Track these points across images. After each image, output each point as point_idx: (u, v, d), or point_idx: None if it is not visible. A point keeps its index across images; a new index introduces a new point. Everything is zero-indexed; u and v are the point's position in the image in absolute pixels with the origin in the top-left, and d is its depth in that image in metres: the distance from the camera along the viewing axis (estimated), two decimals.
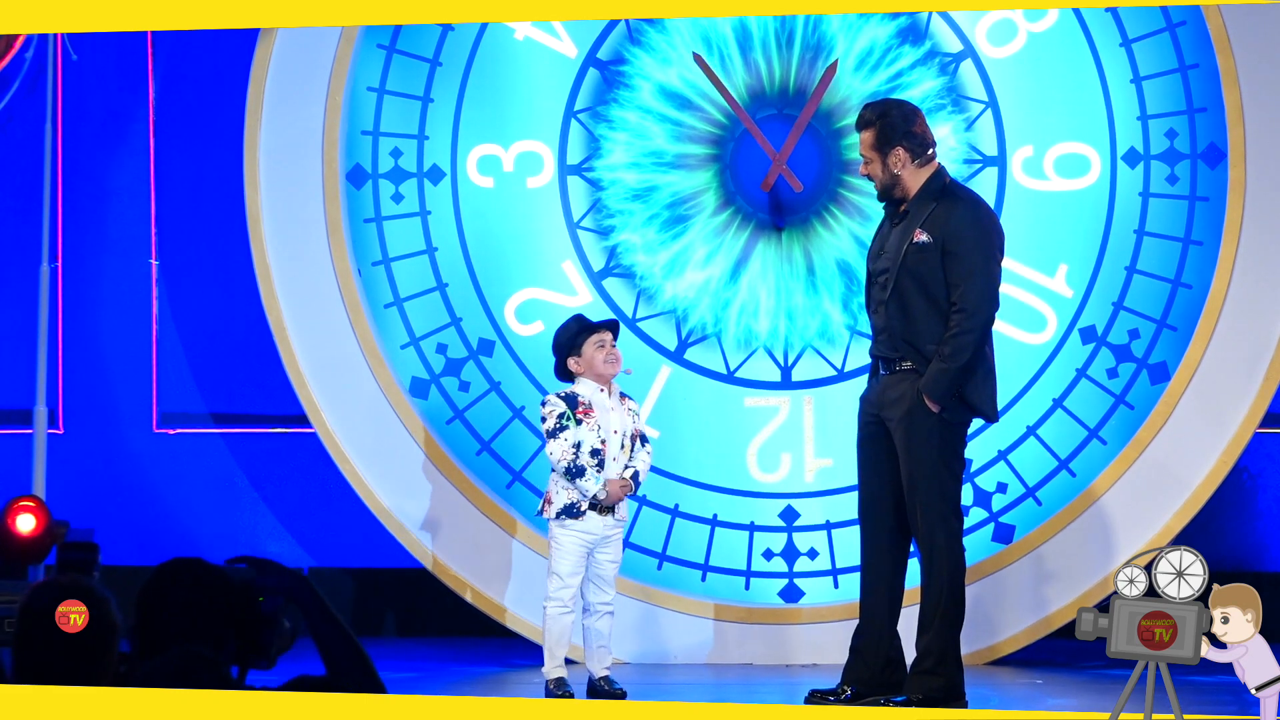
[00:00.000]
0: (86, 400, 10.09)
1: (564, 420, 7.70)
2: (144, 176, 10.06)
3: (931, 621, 7.11)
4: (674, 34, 9.17)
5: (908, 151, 7.20)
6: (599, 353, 7.75)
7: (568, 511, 7.69)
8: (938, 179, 7.23)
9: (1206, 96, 8.88)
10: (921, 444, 7.07)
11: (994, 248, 7.18)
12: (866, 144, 7.24)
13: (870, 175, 7.27)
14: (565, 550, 7.71)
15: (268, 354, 9.31)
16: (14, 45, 10.04)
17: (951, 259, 7.09)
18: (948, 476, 7.13)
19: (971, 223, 7.15)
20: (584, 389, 7.77)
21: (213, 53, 9.95)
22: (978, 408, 7.17)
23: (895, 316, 7.13)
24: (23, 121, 10.06)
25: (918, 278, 7.10)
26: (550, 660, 7.73)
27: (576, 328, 7.79)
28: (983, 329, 7.10)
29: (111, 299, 10.09)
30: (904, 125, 7.21)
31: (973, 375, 7.11)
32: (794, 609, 8.99)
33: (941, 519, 7.08)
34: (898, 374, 7.15)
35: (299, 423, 9.54)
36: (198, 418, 10.08)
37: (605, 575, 7.77)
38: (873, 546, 7.27)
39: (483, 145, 9.27)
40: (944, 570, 7.10)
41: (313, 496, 9.94)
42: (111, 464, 10.07)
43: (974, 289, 7.08)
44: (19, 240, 10.06)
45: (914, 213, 7.18)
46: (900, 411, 7.11)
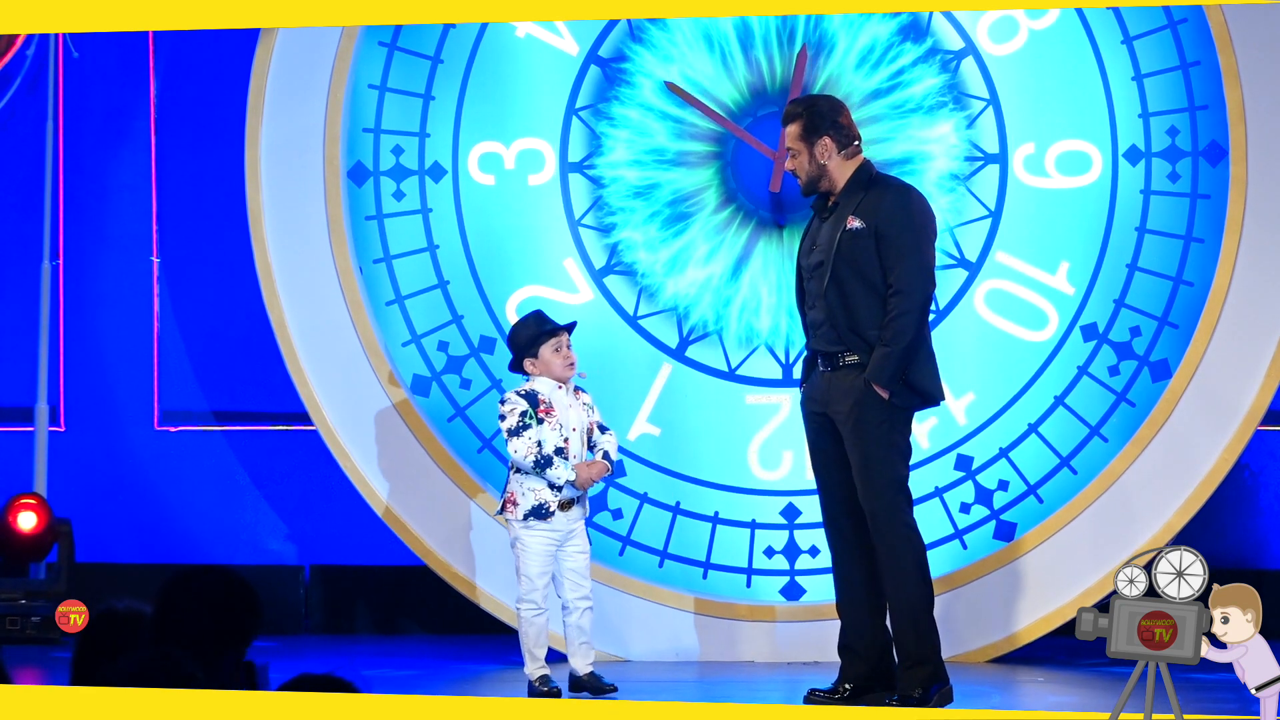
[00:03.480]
0: (88, 397, 10.09)
1: (526, 418, 7.71)
2: (145, 174, 10.07)
3: (901, 610, 7.12)
4: (676, 32, 9.17)
5: (834, 141, 7.21)
6: (556, 357, 7.78)
7: (535, 513, 7.69)
8: (865, 170, 7.25)
9: (1208, 94, 8.87)
10: (871, 433, 7.08)
11: (926, 229, 7.19)
12: (793, 136, 7.27)
13: (796, 169, 7.28)
14: (532, 551, 7.71)
15: (269, 351, 9.32)
16: (15, 44, 10.04)
17: (885, 243, 7.11)
18: (900, 463, 7.14)
19: (902, 206, 7.17)
20: (542, 386, 7.79)
21: (213, 52, 9.95)
22: (924, 391, 7.16)
23: (836, 307, 7.13)
24: (24, 120, 10.07)
25: (854, 265, 7.11)
26: (532, 662, 7.73)
27: (535, 329, 7.81)
28: (921, 309, 7.11)
29: (113, 296, 10.09)
30: (831, 115, 7.24)
31: (915, 359, 7.10)
32: (796, 606, 9.00)
33: (896, 508, 7.10)
34: (842, 369, 7.15)
35: (300, 420, 9.55)
36: (199, 415, 10.08)
37: (577, 568, 7.76)
38: (843, 545, 7.29)
39: (484, 142, 9.27)
40: (907, 558, 7.11)
41: (314, 494, 9.95)
42: (113, 461, 10.07)
43: (908, 269, 7.09)
44: (20, 238, 10.06)
45: (844, 203, 7.20)
46: (848, 405, 7.10)
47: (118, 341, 10.09)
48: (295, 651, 9.27)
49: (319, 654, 9.28)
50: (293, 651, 9.25)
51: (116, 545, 9.96)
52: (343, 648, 9.56)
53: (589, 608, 7.78)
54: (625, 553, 9.15)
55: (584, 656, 7.76)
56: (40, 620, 9.37)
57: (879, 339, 7.06)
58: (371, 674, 8.13)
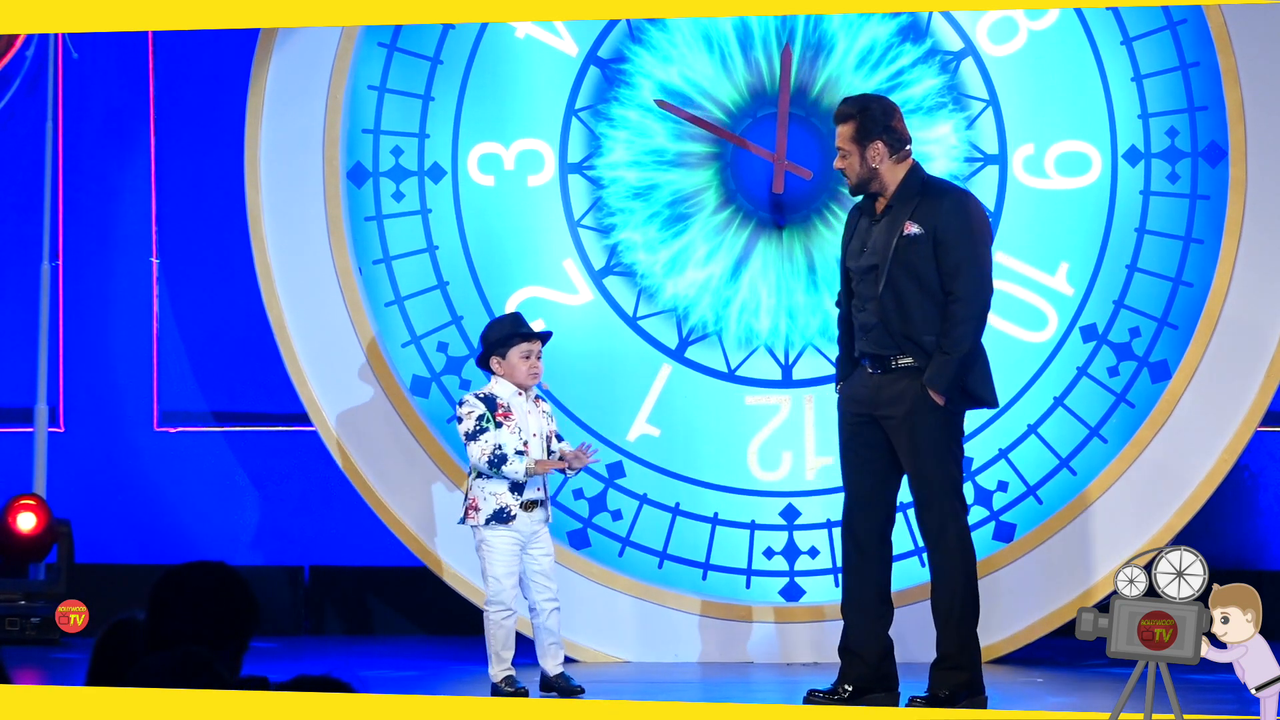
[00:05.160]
0: (87, 398, 10.09)
1: (483, 422, 7.71)
2: (145, 175, 10.06)
3: (949, 617, 7.12)
4: (675, 32, 9.17)
5: (886, 146, 7.22)
6: (523, 363, 7.77)
7: (497, 517, 7.69)
8: (915, 174, 7.26)
9: (1207, 94, 8.87)
10: (927, 439, 7.09)
11: (984, 235, 7.22)
12: (845, 137, 7.26)
13: (845, 170, 7.29)
14: (498, 551, 7.71)
15: (268, 352, 9.31)
16: (15, 44, 10.04)
17: (943, 249, 7.11)
18: (955, 469, 7.17)
19: (961, 212, 7.18)
20: (502, 390, 7.78)
21: (213, 52, 9.94)
22: (980, 396, 7.19)
23: (890, 311, 7.13)
24: (23, 120, 10.06)
25: (910, 270, 7.11)
26: (498, 664, 7.71)
27: (510, 330, 7.80)
28: (980, 316, 7.14)
29: (112, 297, 10.09)
30: (884, 120, 7.23)
31: (973, 365, 7.13)
32: (795, 608, 8.99)
33: (952, 514, 7.12)
34: (894, 371, 7.15)
35: (300, 421, 9.54)
36: (198, 416, 10.08)
37: (543, 569, 7.76)
38: (860, 547, 7.28)
39: (484, 143, 9.27)
40: (958, 565, 7.13)
41: (313, 495, 9.94)
42: (112, 462, 10.07)
43: (969, 276, 7.11)
44: (20, 239, 10.06)
45: (898, 207, 7.20)
46: (902, 409, 7.11)
47: (117, 342, 10.08)
48: (294, 652, 9.26)
49: (318, 654, 9.28)
50: (292, 652, 9.25)
51: (116, 546, 9.95)
52: (342, 648, 9.55)
53: (556, 608, 7.78)
54: (625, 554, 9.15)
55: (553, 657, 7.76)
56: (40, 621, 9.37)
57: (937, 345, 7.08)
58: (370, 674, 8.13)
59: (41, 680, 8.20)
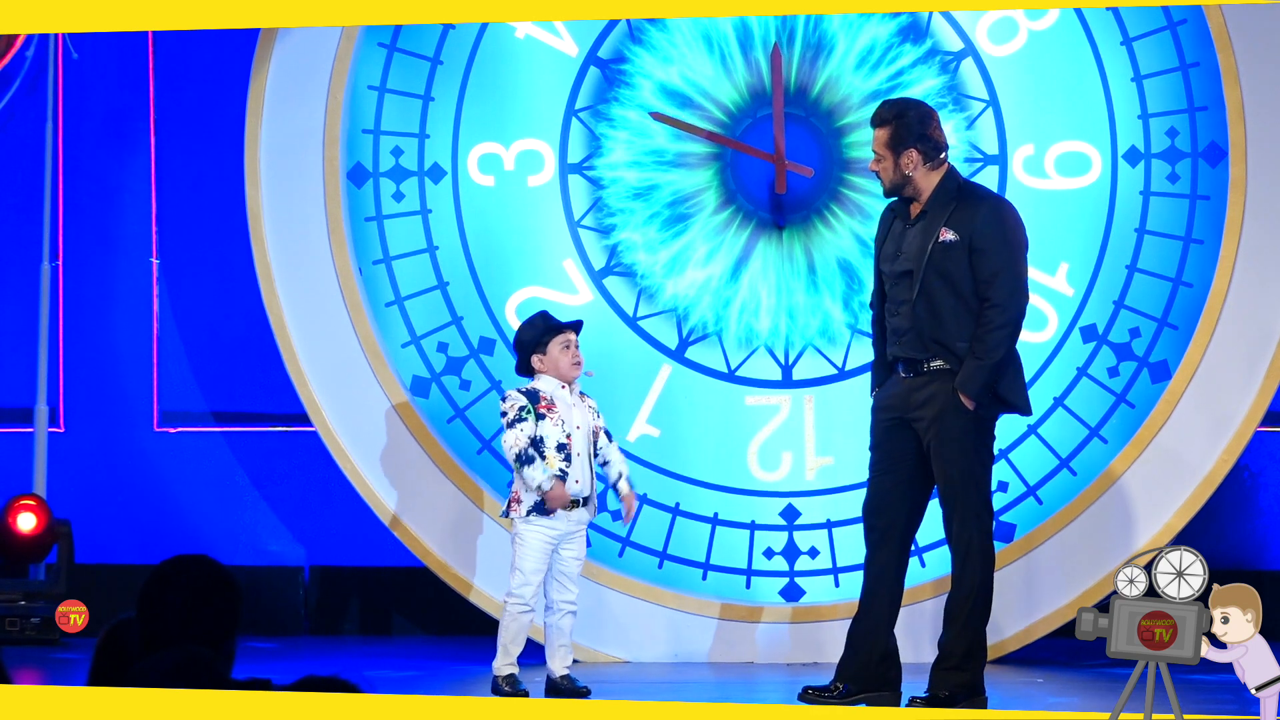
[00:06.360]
0: (87, 398, 10.09)
1: (524, 413, 7.71)
2: (145, 175, 10.06)
3: (959, 617, 7.13)
4: (675, 33, 9.17)
5: (920, 154, 7.21)
6: (564, 354, 7.76)
7: (537, 509, 7.69)
8: (951, 179, 7.25)
9: (1207, 95, 8.87)
10: (957, 442, 7.10)
11: (1020, 243, 7.22)
12: (880, 141, 7.25)
13: (880, 172, 7.28)
14: (530, 546, 7.70)
15: (268, 352, 9.32)
16: (15, 44, 10.04)
17: (979, 256, 7.12)
18: (982, 473, 7.18)
19: (997, 219, 7.18)
20: (545, 385, 7.77)
21: (213, 52, 9.95)
22: (1012, 402, 7.20)
23: (923, 315, 7.13)
24: (23, 121, 10.07)
25: (945, 276, 7.12)
26: (504, 657, 7.70)
27: (543, 326, 7.80)
28: (1015, 323, 7.14)
29: (112, 297, 10.09)
30: (920, 128, 7.21)
31: (1006, 371, 7.14)
32: (795, 608, 8.99)
33: (976, 516, 7.13)
34: (925, 375, 7.16)
35: (300, 421, 9.54)
36: (198, 416, 10.08)
37: (569, 572, 7.75)
38: (881, 546, 7.27)
39: (484, 144, 9.27)
40: (977, 568, 7.14)
41: (313, 495, 9.94)
42: (112, 462, 10.07)
43: (1005, 284, 7.12)
44: (20, 239, 10.06)
45: (933, 213, 7.19)
46: (932, 412, 7.12)
47: (117, 342, 10.08)
48: (295, 652, 9.27)
49: (318, 655, 9.28)
50: (292, 652, 9.25)
51: (116, 546, 9.96)
52: (342, 648, 9.55)
53: (572, 611, 7.77)
54: (625, 554, 9.15)
55: (562, 659, 7.75)
56: (40, 621, 9.37)
57: (970, 350, 7.08)
58: (371, 674, 8.13)
59: (41, 680, 8.20)
